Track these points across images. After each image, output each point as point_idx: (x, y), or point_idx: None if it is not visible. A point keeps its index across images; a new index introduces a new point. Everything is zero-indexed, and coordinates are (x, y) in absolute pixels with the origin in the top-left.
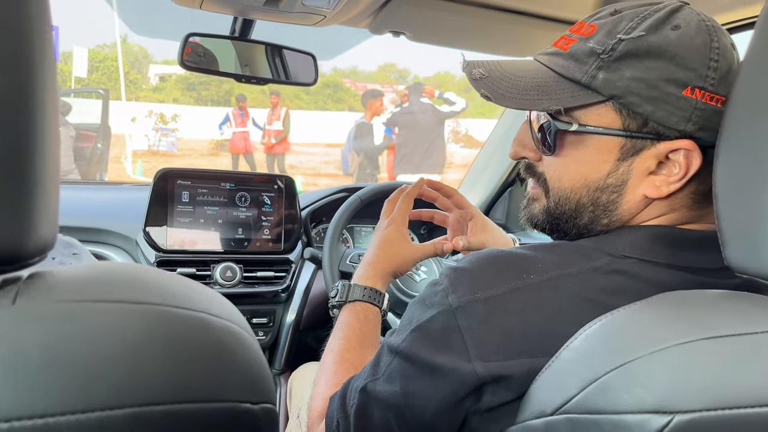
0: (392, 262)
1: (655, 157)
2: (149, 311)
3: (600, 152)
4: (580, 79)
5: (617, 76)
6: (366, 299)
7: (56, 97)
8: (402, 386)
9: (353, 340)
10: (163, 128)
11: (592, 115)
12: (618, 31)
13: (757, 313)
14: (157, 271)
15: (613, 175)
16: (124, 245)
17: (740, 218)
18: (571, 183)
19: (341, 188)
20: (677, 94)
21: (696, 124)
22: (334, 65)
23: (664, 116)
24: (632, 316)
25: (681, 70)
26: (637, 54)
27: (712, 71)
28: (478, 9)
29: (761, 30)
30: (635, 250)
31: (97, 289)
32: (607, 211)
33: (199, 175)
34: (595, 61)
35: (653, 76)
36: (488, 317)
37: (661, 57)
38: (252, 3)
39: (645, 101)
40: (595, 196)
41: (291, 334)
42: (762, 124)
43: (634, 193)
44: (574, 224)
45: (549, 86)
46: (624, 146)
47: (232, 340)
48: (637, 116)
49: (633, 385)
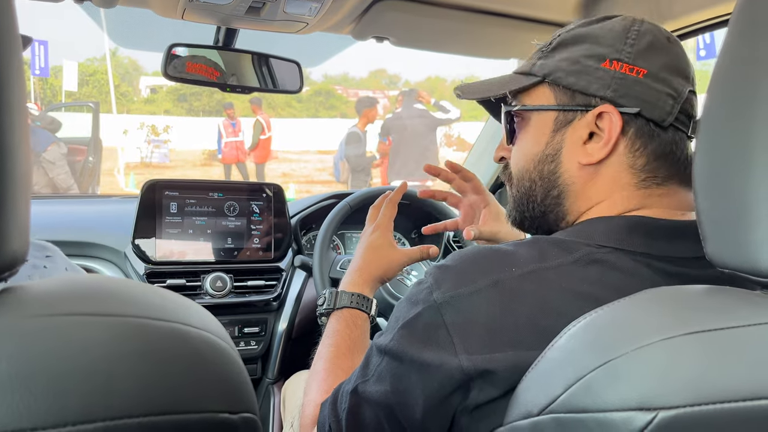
0: (379, 268)
1: (587, 127)
2: (122, 323)
3: (539, 128)
4: (525, 69)
5: (550, 61)
6: (354, 305)
7: (24, 112)
8: (392, 385)
9: (342, 346)
10: (155, 140)
11: (532, 96)
12: (560, 31)
13: (738, 307)
14: (132, 283)
15: (550, 145)
16: (113, 258)
17: (720, 213)
18: (524, 162)
19: (330, 195)
20: (596, 65)
21: (615, 91)
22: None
23: (586, 85)
24: (615, 313)
25: (599, 47)
26: (567, 42)
27: (629, 46)
28: (459, 12)
29: (734, 26)
30: (611, 240)
31: (68, 302)
32: (551, 181)
33: (187, 186)
34: (537, 54)
35: (576, 54)
36: (472, 311)
37: (585, 40)
38: (233, 12)
39: (569, 74)
40: (539, 168)
41: (283, 342)
42: (739, 119)
43: (570, 161)
44: (533, 203)
45: (504, 80)
46: (557, 119)
47: (209, 350)
48: (565, 90)
49: (616, 382)
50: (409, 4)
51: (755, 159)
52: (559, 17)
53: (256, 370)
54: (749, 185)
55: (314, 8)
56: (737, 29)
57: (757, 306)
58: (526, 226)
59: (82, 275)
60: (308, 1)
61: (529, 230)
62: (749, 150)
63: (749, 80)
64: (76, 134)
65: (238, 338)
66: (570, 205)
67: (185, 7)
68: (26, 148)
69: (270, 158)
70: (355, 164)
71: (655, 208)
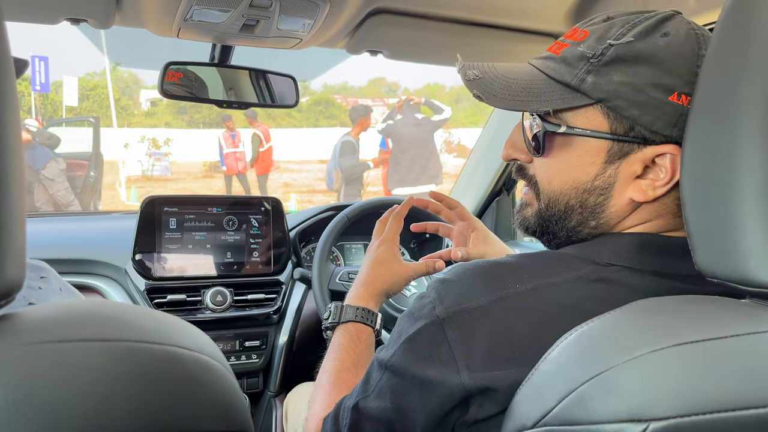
0: (384, 282)
1: (642, 162)
2: (116, 348)
3: (588, 154)
4: (570, 81)
5: (605, 80)
6: (359, 320)
7: (18, 139)
8: (392, 401)
9: (347, 361)
10: (156, 153)
11: (581, 118)
12: (609, 36)
13: (726, 318)
14: (125, 306)
15: (600, 178)
16: (114, 275)
17: (707, 223)
18: (560, 185)
19: (328, 207)
20: (663, 99)
21: (682, 129)
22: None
23: (650, 120)
24: (605, 325)
25: (668, 76)
26: (626, 59)
27: (696, 77)
28: (451, 25)
29: (719, 35)
30: (620, 258)
31: (62, 329)
32: (594, 213)
33: (186, 201)
34: (585, 65)
35: (641, 80)
36: (475, 327)
37: (649, 63)
38: (228, 30)
39: (632, 105)
40: (583, 198)
41: (284, 355)
42: (723, 129)
43: (621, 196)
44: (563, 226)
45: (540, 88)
46: (611, 149)
47: (203, 370)
48: (624, 120)
49: (608, 394)
50: (402, 18)
51: (740, 170)
52: (549, 27)
53: (258, 383)
54: (734, 195)
55: (307, 24)
56: (721, 42)
57: (745, 316)
58: (543, 239)
59: (76, 300)
60: (301, 17)
61: (542, 241)
62: (734, 161)
63: (732, 93)
64: (78, 149)
65: (239, 352)
66: (593, 227)
67: (180, 26)
68: (21, 176)
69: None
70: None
71: (669, 228)
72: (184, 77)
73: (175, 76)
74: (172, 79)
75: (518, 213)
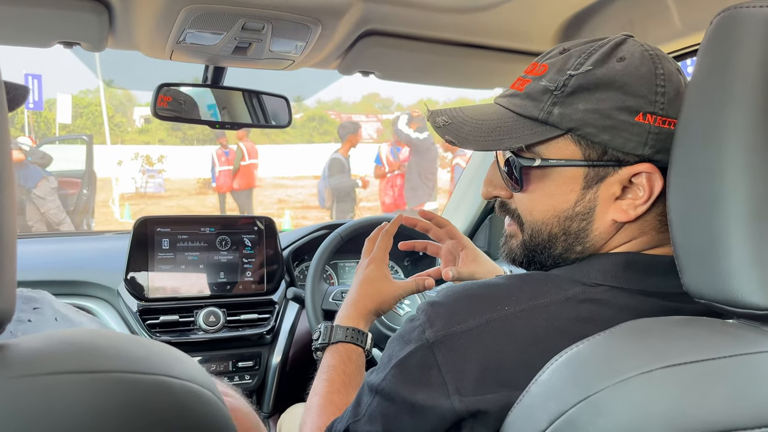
0: (374, 301)
1: (619, 183)
2: (104, 379)
3: (565, 183)
4: (538, 116)
5: (572, 110)
6: (349, 340)
7: (9, 163)
8: (383, 426)
9: (337, 382)
10: (150, 170)
11: (553, 149)
12: (567, 68)
13: (713, 339)
14: (115, 335)
15: (580, 204)
16: (106, 296)
17: (694, 244)
18: (542, 215)
19: (321, 225)
20: (630, 120)
21: (653, 147)
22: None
23: (622, 143)
24: (595, 347)
25: (631, 98)
26: (588, 87)
27: (661, 96)
28: (441, 46)
29: (703, 58)
30: (607, 278)
31: (51, 361)
32: (579, 239)
33: (179, 221)
34: (549, 98)
35: (605, 106)
36: (465, 351)
37: (610, 87)
38: (221, 52)
39: (601, 131)
40: (565, 225)
41: (278, 375)
42: (708, 151)
43: (603, 219)
44: (549, 254)
45: (509, 126)
46: (587, 175)
47: (193, 400)
48: (596, 145)
49: (598, 417)
50: (393, 39)
51: (725, 192)
52: (538, 48)
53: (252, 404)
54: (720, 217)
55: (299, 47)
56: (705, 65)
57: (733, 337)
58: (524, 265)
59: (65, 331)
60: (293, 40)
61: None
62: (719, 183)
63: (717, 115)
64: (71, 167)
65: (232, 372)
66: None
67: (173, 49)
68: (12, 207)
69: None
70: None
71: (666, 247)
72: (176, 98)
73: (168, 98)
74: (165, 101)
75: (504, 246)
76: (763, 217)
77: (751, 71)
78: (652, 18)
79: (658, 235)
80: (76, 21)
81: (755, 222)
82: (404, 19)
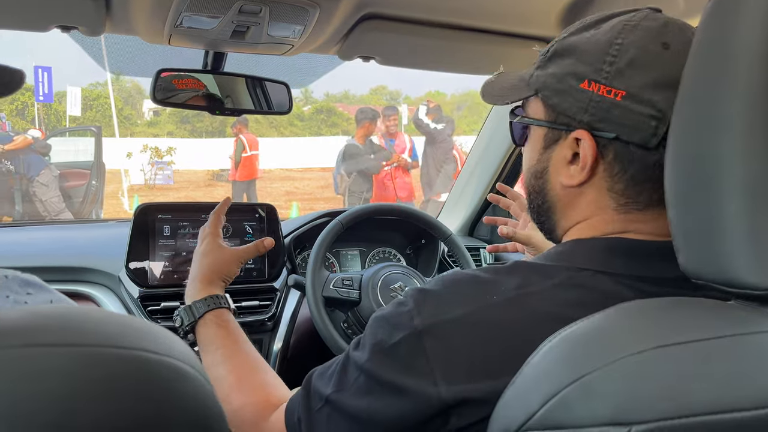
0: (214, 270)
1: (569, 148)
2: (80, 352)
3: (534, 141)
4: (525, 77)
5: (543, 73)
6: (213, 307)
7: None
8: (369, 403)
9: (230, 345)
10: (159, 162)
11: (531, 109)
12: (558, 35)
13: (709, 319)
14: (94, 310)
15: (540, 162)
16: (108, 282)
17: (692, 224)
18: (525, 171)
19: (323, 213)
20: (576, 86)
21: (593, 115)
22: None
23: (567, 107)
24: (587, 328)
25: (581, 65)
26: (560, 53)
27: (608, 65)
28: (443, 30)
29: (701, 35)
30: (592, 262)
31: (26, 333)
32: (541, 196)
33: (180, 208)
34: (537, 62)
35: (562, 71)
36: (453, 339)
37: (572, 54)
38: (219, 37)
39: (554, 93)
40: (532, 182)
41: (279, 362)
42: (706, 129)
43: (555, 180)
44: (533, 210)
45: (511, 86)
46: (546, 135)
47: (173, 375)
48: (550, 108)
49: (590, 398)
50: (393, 23)
51: (723, 171)
52: (541, 32)
53: None
54: (718, 197)
55: (298, 30)
56: (703, 43)
57: (730, 317)
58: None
59: (42, 306)
60: (291, 23)
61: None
62: (717, 162)
63: (714, 93)
64: (80, 158)
65: None
66: (557, 220)
67: (171, 33)
68: None
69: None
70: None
71: (636, 233)
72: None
73: (173, 82)
74: (163, 86)
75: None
76: (762, 196)
77: (749, 50)
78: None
79: (619, 215)
80: (72, 4)
81: (753, 202)
82: (405, 2)
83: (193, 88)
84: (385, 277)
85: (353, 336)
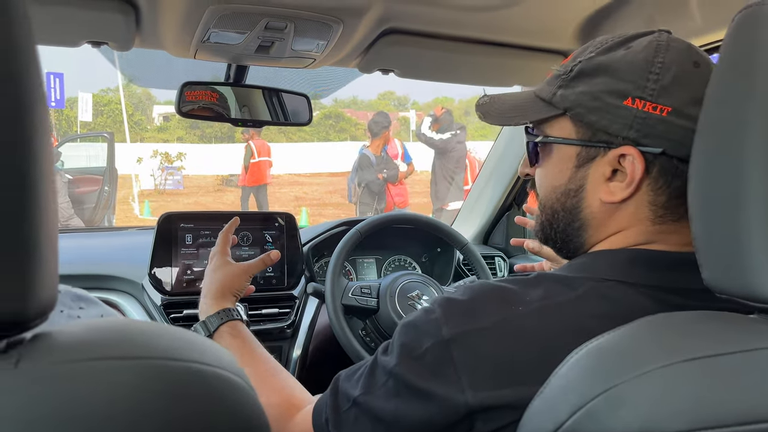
0: (224, 285)
1: (609, 165)
2: (141, 366)
3: (562, 161)
4: (546, 97)
5: (570, 92)
6: (226, 320)
7: (51, 160)
8: (396, 406)
9: (247, 352)
10: (169, 167)
11: (555, 128)
12: (579, 55)
13: (734, 333)
14: (148, 324)
15: (572, 181)
16: (131, 290)
17: (716, 239)
18: (547, 191)
19: (341, 222)
20: (617, 103)
21: (638, 131)
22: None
23: (607, 124)
24: (616, 341)
25: (621, 83)
26: (588, 72)
27: (653, 83)
28: (461, 44)
29: (725, 54)
30: (615, 273)
31: (91, 348)
32: (573, 215)
33: (202, 217)
34: (558, 81)
35: (597, 89)
36: (480, 348)
37: (605, 73)
38: (244, 51)
39: (590, 111)
40: (562, 201)
41: (298, 369)
42: (730, 144)
43: (593, 197)
44: (556, 230)
45: (525, 105)
46: (580, 154)
47: (224, 386)
48: (586, 126)
49: (618, 409)
50: (413, 37)
51: (747, 185)
52: (559, 45)
53: None
54: (743, 211)
55: (321, 45)
56: (727, 61)
57: (753, 331)
58: (550, 245)
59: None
60: (315, 39)
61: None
62: (740, 176)
63: (739, 108)
64: (92, 164)
65: None
66: (589, 237)
67: (197, 48)
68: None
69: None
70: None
71: (662, 243)
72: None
73: (192, 96)
74: (189, 99)
75: (534, 232)
76: None
77: None
78: (673, 14)
79: (654, 226)
80: (104, 21)
81: None
82: (425, 18)
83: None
84: (402, 286)
85: (371, 343)
